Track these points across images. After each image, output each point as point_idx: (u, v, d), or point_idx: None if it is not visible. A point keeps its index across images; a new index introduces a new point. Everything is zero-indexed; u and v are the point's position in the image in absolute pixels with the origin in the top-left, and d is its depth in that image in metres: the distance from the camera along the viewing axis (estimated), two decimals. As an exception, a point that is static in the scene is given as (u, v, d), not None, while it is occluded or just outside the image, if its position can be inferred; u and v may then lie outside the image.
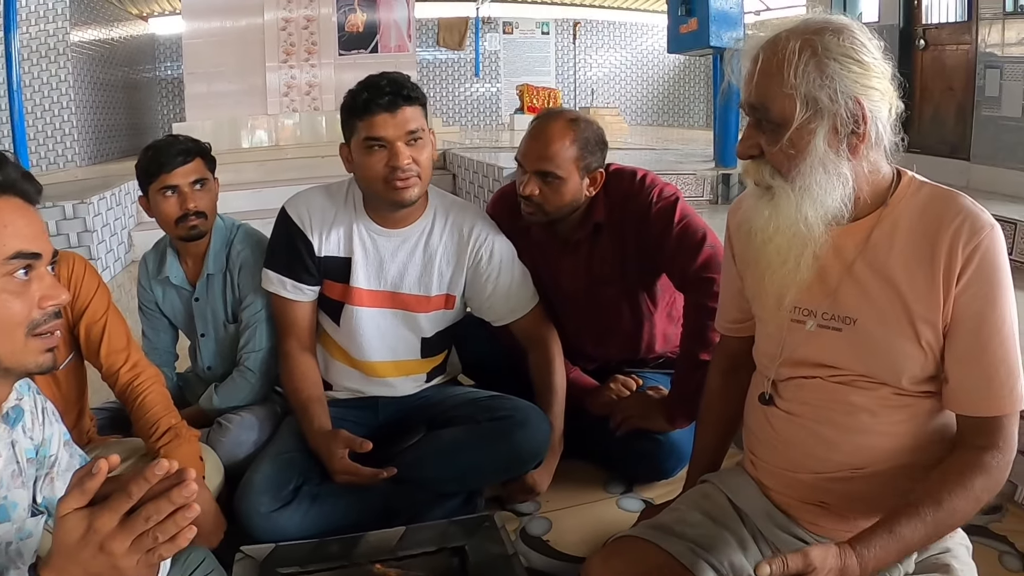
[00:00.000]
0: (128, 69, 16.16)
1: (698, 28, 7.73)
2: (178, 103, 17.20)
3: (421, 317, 2.69)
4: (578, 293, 2.88)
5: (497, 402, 2.65)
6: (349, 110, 2.46)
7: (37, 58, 12.68)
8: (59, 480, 1.67)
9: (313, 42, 13.73)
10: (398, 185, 2.42)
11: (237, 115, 13.18)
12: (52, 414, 1.69)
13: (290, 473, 2.47)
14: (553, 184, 2.62)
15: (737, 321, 1.98)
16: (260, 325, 2.84)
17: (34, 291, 1.35)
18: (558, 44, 20.17)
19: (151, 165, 2.73)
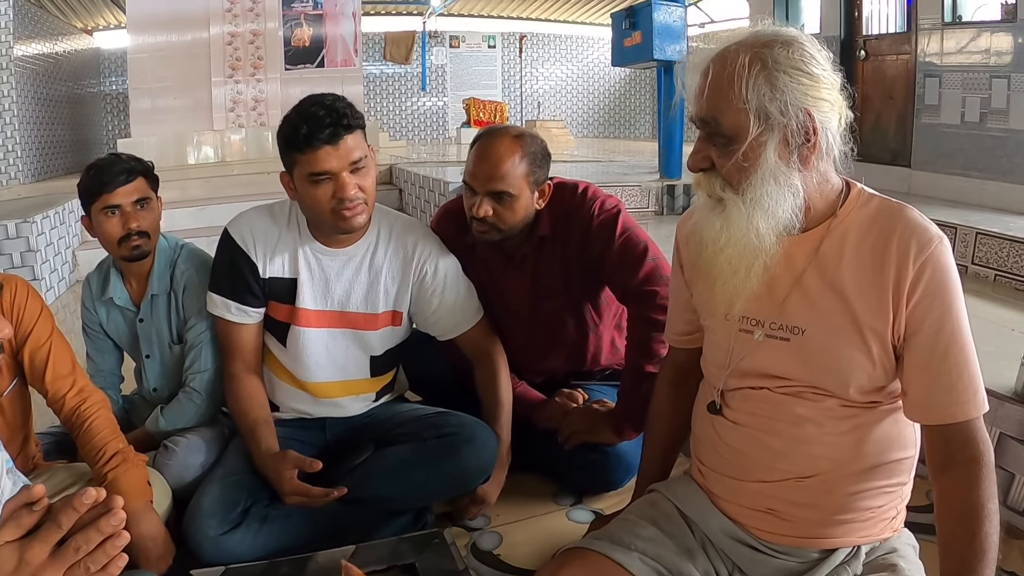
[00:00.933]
0: (72, 84, 15.95)
1: (642, 41, 7.76)
2: (123, 118, 17.01)
3: (370, 335, 2.68)
4: (523, 308, 2.89)
5: (443, 419, 2.65)
6: (288, 143, 2.42)
7: (-22, 73, 12.49)
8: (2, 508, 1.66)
9: (259, 57, 13.68)
10: (346, 215, 2.41)
11: (183, 131, 13.09)
12: None
13: (239, 495, 2.45)
14: (506, 202, 2.62)
15: (685, 333, 2.01)
16: (205, 346, 2.82)
17: None
18: (504, 58, 20.23)
19: (93, 184, 2.71)
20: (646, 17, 7.57)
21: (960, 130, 6.54)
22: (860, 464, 1.66)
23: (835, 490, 1.66)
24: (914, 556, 1.74)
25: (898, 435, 1.69)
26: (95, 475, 2.36)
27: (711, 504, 1.83)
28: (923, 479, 1.69)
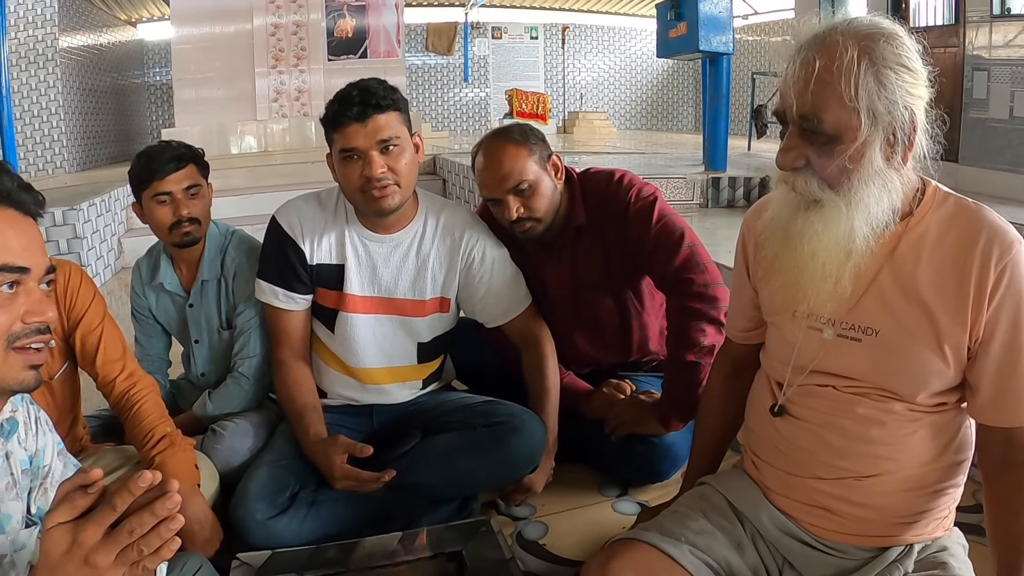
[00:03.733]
0: (117, 75, 16.15)
1: (687, 32, 7.73)
2: (167, 108, 17.21)
3: (417, 322, 2.68)
4: (565, 298, 2.88)
5: (492, 407, 2.63)
6: (325, 123, 2.46)
7: (26, 64, 12.68)
8: (52, 491, 1.66)
9: (302, 48, 13.76)
10: (375, 195, 2.41)
11: (226, 121, 13.19)
12: (45, 424, 1.69)
13: (287, 479, 2.46)
14: (528, 193, 2.63)
15: (746, 329, 1.97)
16: (254, 332, 2.83)
17: (19, 305, 1.33)
18: (547, 49, 20.17)
19: (144, 172, 2.72)
20: (691, 8, 7.55)
21: (1009, 125, 6.45)
22: (921, 465, 1.63)
23: (894, 490, 1.64)
24: (963, 555, 1.71)
25: (959, 437, 1.66)
26: (143, 458, 2.38)
27: (763, 498, 1.81)
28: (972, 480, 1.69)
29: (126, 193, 8.29)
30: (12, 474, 1.53)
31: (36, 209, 1.42)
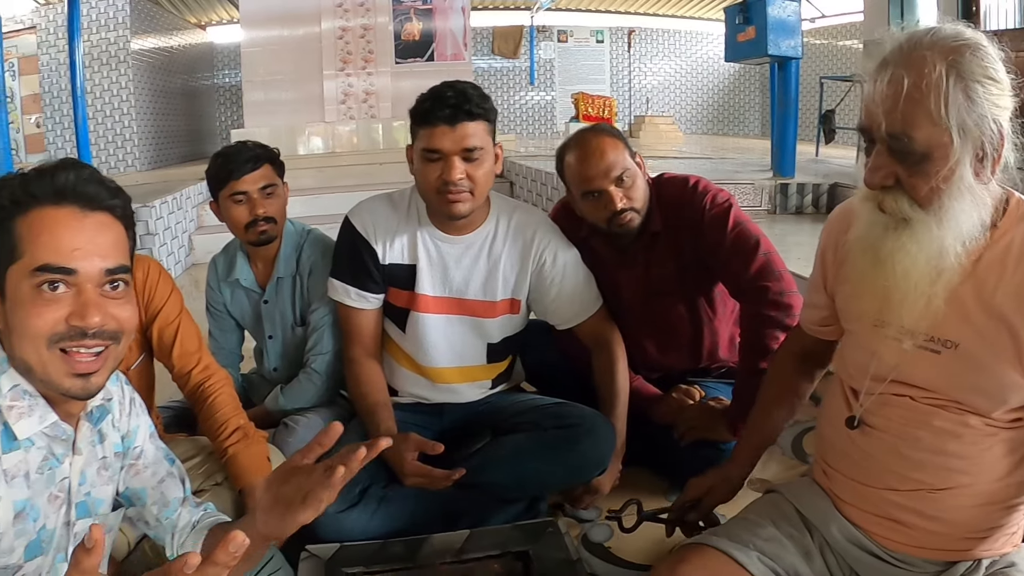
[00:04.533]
0: (187, 76, 16.44)
1: (755, 36, 7.63)
2: (236, 110, 17.41)
3: (487, 323, 2.69)
4: (637, 302, 2.87)
5: (564, 409, 2.63)
6: (413, 115, 2.47)
7: (98, 65, 13.00)
8: (144, 472, 1.71)
9: (370, 50, 13.83)
10: (449, 199, 2.43)
11: (294, 122, 13.30)
12: (140, 406, 1.73)
13: (358, 475, 2.47)
14: (627, 183, 2.63)
15: (821, 324, 1.97)
16: (327, 329, 2.88)
17: (64, 306, 1.31)
18: (613, 52, 20.09)
19: (221, 172, 2.79)
20: (760, 11, 7.44)
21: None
22: (995, 480, 1.60)
23: (966, 504, 1.61)
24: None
25: None
26: (216, 449, 2.45)
27: (833, 508, 1.79)
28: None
29: (197, 191, 8.43)
30: (104, 457, 1.57)
31: (108, 203, 1.39)
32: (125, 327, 1.38)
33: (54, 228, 1.31)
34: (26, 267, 1.30)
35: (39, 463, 1.40)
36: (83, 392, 1.35)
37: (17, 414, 1.35)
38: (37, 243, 1.30)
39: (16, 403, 1.36)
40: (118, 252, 1.38)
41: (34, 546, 1.41)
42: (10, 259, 1.32)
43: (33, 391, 1.38)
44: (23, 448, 1.37)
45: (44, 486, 1.42)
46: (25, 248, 1.31)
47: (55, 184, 1.33)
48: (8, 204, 1.33)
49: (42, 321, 1.29)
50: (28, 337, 1.30)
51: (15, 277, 1.31)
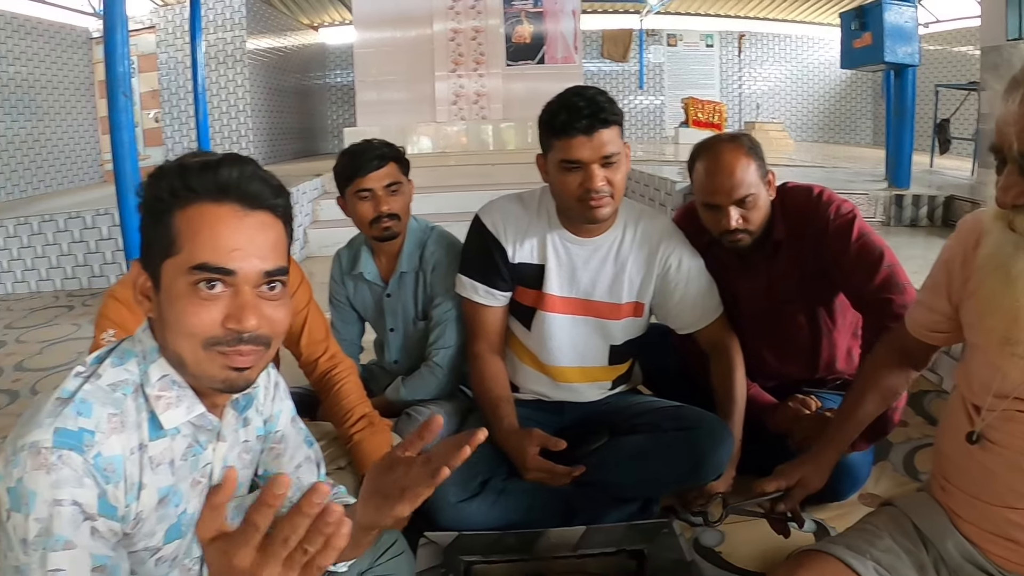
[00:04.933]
0: (300, 76, 16.80)
1: (872, 43, 7.49)
2: (347, 109, 17.74)
3: (612, 324, 2.72)
4: (758, 311, 2.86)
5: (683, 412, 2.64)
6: (546, 127, 2.50)
7: (216, 64, 13.40)
8: (283, 456, 1.74)
9: (481, 52, 13.96)
10: (591, 205, 2.46)
11: (406, 122, 13.46)
12: (284, 391, 1.77)
13: (478, 466, 2.54)
14: (749, 204, 2.61)
15: (931, 329, 1.95)
16: (450, 324, 2.94)
17: (221, 308, 1.30)
18: (723, 57, 19.90)
19: (348, 169, 2.88)
20: (876, 17, 7.29)
21: None
22: None
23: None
24: None
25: None
26: (341, 435, 2.55)
27: (950, 524, 1.77)
28: None
29: (312, 187, 8.62)
30: (246, 441, 1.61)
31: (270, 202, 1.37)
32: (279, 329, 1.38)
33: (214, 226, 1.29)
34: (183, 263, 1.29)
35: (184, 450, 1.43)
36: (239, 385, 1.36)
37: (165, 404, 1.37)
38: (196, 240, 1.29)
39: (164, 393, 1.37)
40: (277, 253, 1.36)
41: (174, 530, 1.44)
42: (166, 253, 1.31)
43: (182, 382, 1.38)
44: (169, 436, 1.39)
45: (187, 472, 1.44)
46: (183, 244, 1.29)
47: (218, 180, 1.31)
48: (167, 196, 1.31)
49: (198, 321, 1.29)
50: (183, 335, 1.30)
51: (171, 271, 1.31)
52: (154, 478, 1.36)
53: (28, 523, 1.17)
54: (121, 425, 1.31)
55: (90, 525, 1.22)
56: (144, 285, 1.36)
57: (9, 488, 1.20)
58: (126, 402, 1.34)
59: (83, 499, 1.21)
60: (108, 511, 1.25)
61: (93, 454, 1.23)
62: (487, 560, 2.24)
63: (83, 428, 1.24)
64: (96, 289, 8.16)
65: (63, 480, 1.19)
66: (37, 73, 12.57)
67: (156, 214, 1.32)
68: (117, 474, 1.27)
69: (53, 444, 1.20)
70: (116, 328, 2.36)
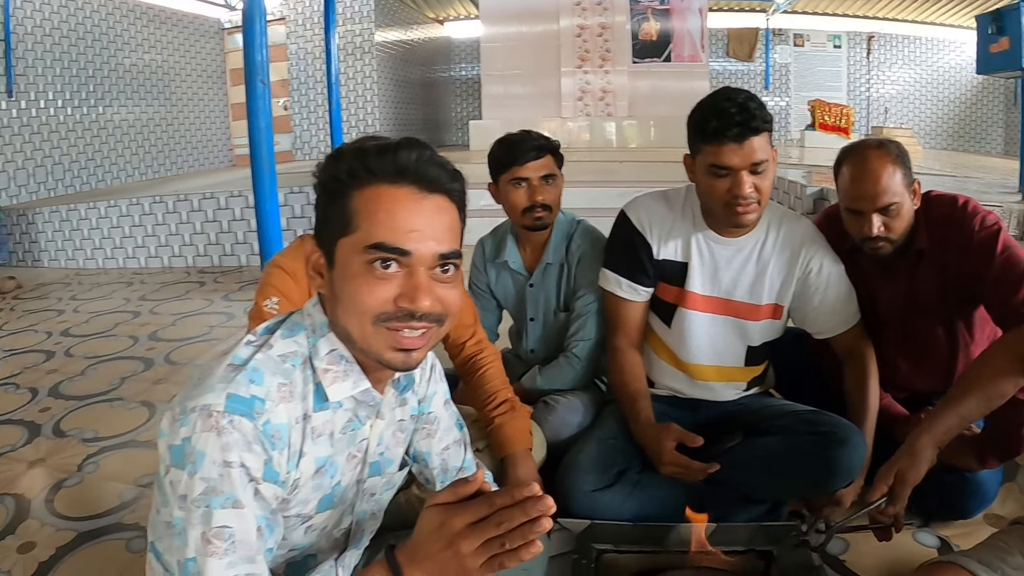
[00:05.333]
0: (425, 68, 17.04)
1: (1009, 48, 7.25)
2: (471, 102, 17.90)
3: (750, 325, 2.72)
4: (896, 320, 2.82)
5: (818, 417, 2.62)
6: (696, 130, 2.50)
7: (345, 55, 13.65)
8: (433, 437, 1.81)
9: (607, 49, 13.95)
10: (738, 211, 2.47)
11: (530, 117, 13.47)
12: (439, 373, 1.83)
13: (614, 457, 2.59)
14: (893, 212, 2.57)
15: None
16: (591, 316, 2.97)
17: (395, 286, 1.34)
18: (850, 58, 19.42)
19: (506, 156, 2.92)
20: (1014, 21, 7.04)
21: None
22: None
23: None
24: None
25: None
26: (482, 418, 2.61)
27: None
28: None
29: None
30: (401, 420, 1.68)
31: (447, 186, 1.39)
32: (450, 311, 1.40)
33: (392, 207, 1.33)
34: (359, 242, 1.32)
35: (344, 424, 1.49)
36: (403, 365, 1.39)
37: (332, 377, 1.42)
38: (373, 220, 1.32)
39: (332, 367, 1.42)
40: (452, 236, 1.39)
41: (327, 500, 1.52)
42: (342, 231, 1.35)
43: (349, 357, 1.44)
44: (332, 409, 1.45)
45: (345, 445, 1.52)
46: (360, 223, 1.33)
47: (397, 162, 1.34)
48: (345, 177, 1.35)
49: (371, 298, 1.32)
50: (354, 311, 1.34)
51: (346, 249, 1.34)
52: (314, 448, 1.43)
53: (193, 481, 1.24)
54: (289, 395, 1.37)
55: (255, 487, 1.28)
56: (317, 261, 1.42)
57: (172, 445, 1.27)
58: (295, 373, 1.40)
59: (251, 463, 1.27)
60: (272, 476, 1.32)
61: (263, 421, 1.30)
62: (619, 550, 2.27)
63: (255, 396, 1.31)
64: (227, 267, 8.42)
65: (233, 444, 1.25)
66: (171, 61, 13.04)
67: (333, 194, 1.38)
68: (282, 441, 1.34)
69: (225, 408, 1.26)
70: (279, 296, 2.47)
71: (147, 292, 7.38)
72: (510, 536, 1.15)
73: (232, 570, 1.24)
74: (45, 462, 3.58)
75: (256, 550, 1.27)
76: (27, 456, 3.65)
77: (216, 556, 1.22)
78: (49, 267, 9.09)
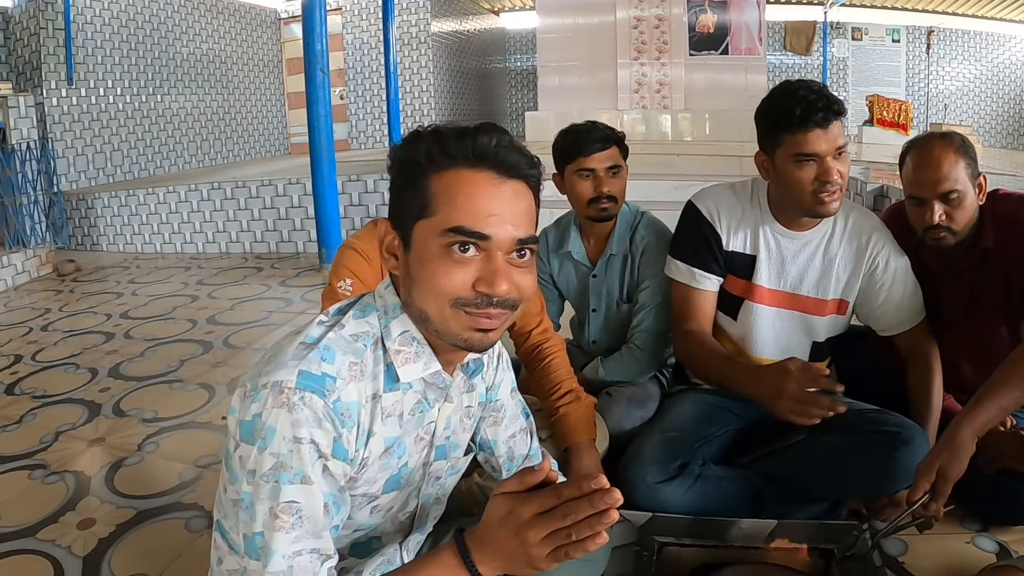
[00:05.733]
0: (480, 59, 17.08)
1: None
2: (525, 93, 17.89)
3: (816, 320, 2.71)
4: (960, 320, 2.78)
5: (882, 416, 2.58)
6: (776, 123, 2.47)
7: (401, 45, 13.69)
8: (500, 425, 1.82)
9: (664, 41, 13.86)
10: (824, 199, 2.44)
11: (585, 108, 13.45)
12: (506, 361, 1.83)
13: (677, 450, 2.56)
14: (954, 202, 2.55)
15: None
16: (655, 309, 2.96)
17: (473, 271, 1.34)
18: (909, 53, 19.06)
19: (572, 147, 2.92)
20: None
21: None
22: None
23: None
24: None
25: None
26: (546, 407, 2.60)
27: None
28: None
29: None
30: (469, 406, 1.68)
31: (525, 172, 1.39)
32: (525, 296, 1.40)
33: (472, 191, 1.33)
34: (438, 225, 1.33)
35: (413, 405, 1.50)
36: (480, 345, 1.39)
37: (403, 359, 1.43)
38: (453, 204, 1.32)
39: (404, 348, 1.43)
40: (529, 222, 1.39)
41: (393, 481, 1.53)
42: (420, 214, 1.35)
43: (421, 338, 1.44)
44: (401, 389, 1.47)
45: (413, 427, 1.52)
46: (439, 206, 1.33)
47: (476, 147, 1.34)
48: (424, 160, 1.36)
49: (449, 281, 1.32)
50: (432, 293, 1.34)
51: (424, 232, 1.35)
52: (383, 428, 1.45)
53: (262, 456, 1.26)
54: (360, 374, 1.39)
55: (323, 464, 1.30)
56: (392, 243, 1.43)
57: (242, 421, 1.29)
58: (366, 353, 1.42)
59: (320, 439, 1.29)
60: (341, 453, 1.34)
61: (333, 399, 1.31)
62: (680, 543, 2.27)
63: (326, 373, 1.32)
64: (284, 254, 8.50)
65: (303, 420, 1.27)
66: (229, 51, 13.20)
67: (410, 177, 1.38)
68: (352, 419, 1.36)
69: (296, 385, 1.28)
70: (353, 278, 2.49)
71: (205, 277, 7.48)
72: (577, 527, 1.16)
73: (298, 544, 1.26)
74: (105, 441, 3.63)
75: (323, 526, 1.29)
76: (87, 435, 3.71)
77: (283, 531, 1.25)
78: (108, 251, 9.26)
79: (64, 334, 5.64)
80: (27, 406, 4.18)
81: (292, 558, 1.25)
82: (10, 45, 9.63)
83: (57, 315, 6.26)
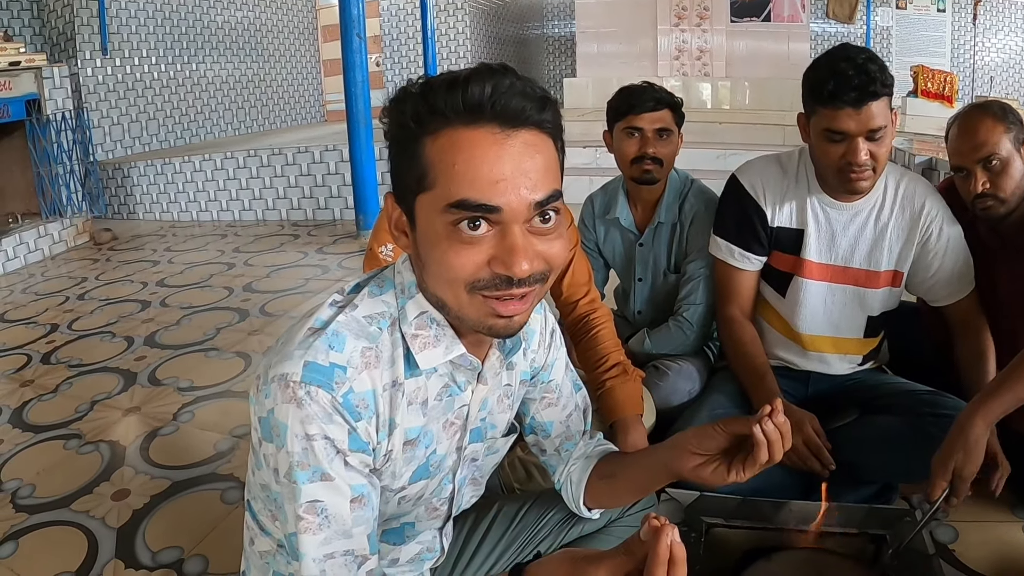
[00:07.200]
0: (518, 25, 16.97)
1: None
2: (563, 59, 17.74)
3: (870, 293, 2.62)
4: (1015, 297, 2.66)
5: (938, 399, 2.50)
6: (812, 91, 2.39)
7: (438, 11, 13.66)
8: (555, 406, 1.71)
9: (705, 7, 13.66)
10: (851, 178, 2.37)
11: (625, 75, 13.33)
12: (559, 339, 1.70)
13: None
14: (996, 167, 2.48)
15: None
16: (703, 281, 2.90)
17: (488, 249, 1.14)
18: (955, 23, 18.69)
19: (622, 105, 2.89)
20: None
21: None
22: None
23: None
24: None
25: None
26: (592, 380, 2.51)
27: None
28: None
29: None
30: (508, 385, 1.54)
31: (535, 118, 1.16)
32: (554, 264, 1.20)
33: (471, 155, 1.11)
34: (439, 200, 1.13)
35: (439, 390, 1.37)
36: (506, 332, 1.22)
37: (422, 343, 1.29)
38: (451, 173, 1.11)
39: (421, 332, 1.29)
40: (548, 177, 1.16)
41: (422, 470, 1.41)
42: (418, 187, 1.16)
43: (441, 320, 1.29)
44: (424, 375, 1.33)
45: (441, 413, 1.39)
46: (436, 177, 1.13)
47: (468, 99, 1.11)
48: (412, 123, 1.16)
49: (460, 265, 1.14)
50: (443, 278, 1.18)
51: (426, 208, 1.16)
52: (406, 418, 1.32)
53: (280, 455, 1.18)
54: (375, 360, 1.26)
55: (343, 459, 1.21)
56: (399, 220, 1.26)
57: (261, 418, 1.21)
58: (381, 336, 1.29)
59: (334, 435, 1.19)
60: (359, 446, 1.24)
61: (343, 391, 1.20)
62: (729, 524, 2.21)
63: (334, 363, 1.20)
64: (321, 221, 8.50)
65: (312, 416, 1.17)
66: (264, 18, 13.15)
67: (401, 143, 1.19)
68: (370, 410, 1.24)
69: (302, 379, 1.17)
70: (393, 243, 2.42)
71: (241, 244, 7.47)
72: None
73: (328, 546, 1.20)
74: (140, 410, 3.61)
75: (351, 523, 1.22)
76: (123, 404, 3.70)
77: (310, 532, 1.19)
78: (144, 219, 9.25)
79: (100, 303, 5.65)
80: (63, 375, 4.18)
81: (323, 562, 1.20)
82: (44, 16, 9.61)
83: (93, 284, 6.27)
